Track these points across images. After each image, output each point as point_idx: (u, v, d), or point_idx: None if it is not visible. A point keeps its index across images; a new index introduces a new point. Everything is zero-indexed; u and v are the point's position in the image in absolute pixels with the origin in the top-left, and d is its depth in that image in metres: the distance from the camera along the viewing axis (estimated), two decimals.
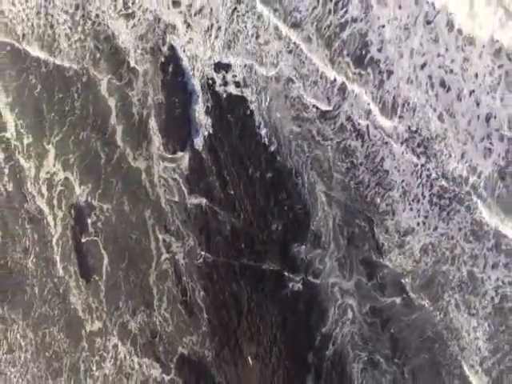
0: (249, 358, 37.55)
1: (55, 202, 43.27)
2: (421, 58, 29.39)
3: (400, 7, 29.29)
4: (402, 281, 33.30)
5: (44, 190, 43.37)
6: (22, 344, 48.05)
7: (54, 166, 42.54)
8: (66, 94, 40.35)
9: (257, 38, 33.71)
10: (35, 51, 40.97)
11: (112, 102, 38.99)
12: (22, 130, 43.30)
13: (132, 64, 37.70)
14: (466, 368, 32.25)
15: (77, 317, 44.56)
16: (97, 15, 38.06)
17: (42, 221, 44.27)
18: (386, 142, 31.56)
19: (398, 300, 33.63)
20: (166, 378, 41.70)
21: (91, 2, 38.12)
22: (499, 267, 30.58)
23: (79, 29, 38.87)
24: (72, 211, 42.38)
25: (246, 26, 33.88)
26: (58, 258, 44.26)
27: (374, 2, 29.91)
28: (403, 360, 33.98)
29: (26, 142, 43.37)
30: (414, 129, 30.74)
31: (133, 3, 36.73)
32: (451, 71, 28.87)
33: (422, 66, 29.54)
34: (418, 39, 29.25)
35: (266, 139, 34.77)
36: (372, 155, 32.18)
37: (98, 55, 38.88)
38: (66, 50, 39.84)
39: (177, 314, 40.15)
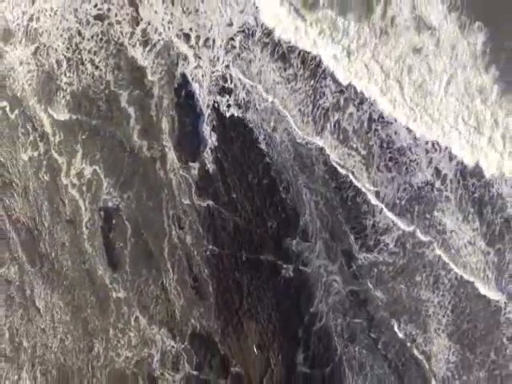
0: (254, 348, 39.92)
1: (84, 188, 45.67)
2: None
3: None
4: (377, 269, 34.93)
5: (75, 180, 45.80)
6: (62, 306, 50.79)
7: (82, 163, 45.25)
8: (93, 97, 43.45)
9: (247, 68, 36.56)
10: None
11: (132, 110, 41.92)
12: (54, 128, 45.94)
13: (150, 77, 40.52)
14: (432, 333, 34.17)
15: (104, 285, 46.86)
16: (118, 38, 40.97)
17: (74, 206, 46.95)
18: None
19: (373, 285, 35.44)
20: (181, 346, 43.81)
21: (113, 28, 40.92)
22: None
23: (102, 51, 41.83)
24: (101, 213, 44.94)
25: (239, 55, 36.70)
26: (86, 238, 46.93)
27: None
28: (378, 334, 35.99)
29: (57, 139, 46.10)
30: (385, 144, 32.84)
31: (152, 31, 39.61)
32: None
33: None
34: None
35: (264, 150, 37.15)
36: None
37: (118, 72, 41.82)
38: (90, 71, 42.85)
39: (188, 291, 42.69)
